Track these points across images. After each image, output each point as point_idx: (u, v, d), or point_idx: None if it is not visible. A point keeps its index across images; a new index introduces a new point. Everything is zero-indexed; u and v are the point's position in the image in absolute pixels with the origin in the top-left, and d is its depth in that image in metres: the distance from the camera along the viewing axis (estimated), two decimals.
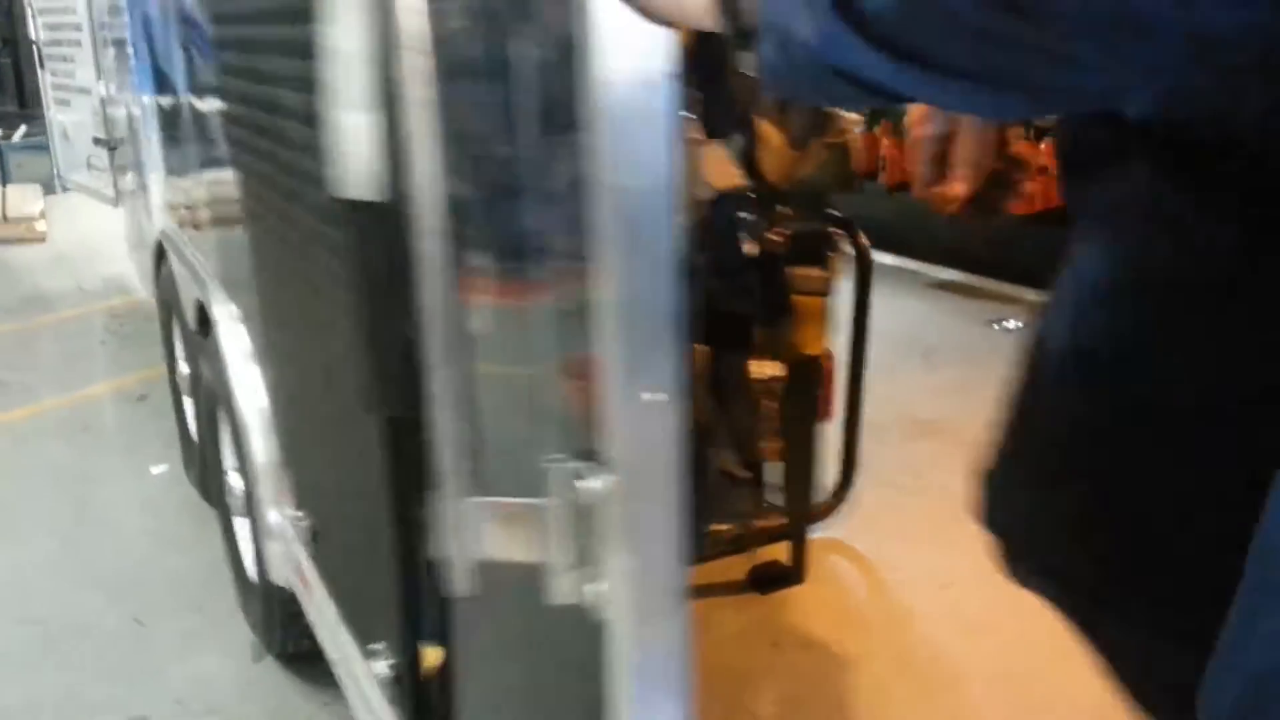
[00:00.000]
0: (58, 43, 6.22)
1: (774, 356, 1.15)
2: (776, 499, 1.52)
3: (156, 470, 3.39)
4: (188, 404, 3.70)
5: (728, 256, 0.94)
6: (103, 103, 5.30)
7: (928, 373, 3.03)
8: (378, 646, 1.59)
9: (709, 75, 0.93)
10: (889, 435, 2.39)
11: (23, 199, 8.19)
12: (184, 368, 3.66)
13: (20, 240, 7.63)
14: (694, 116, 0.98)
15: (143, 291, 4.27)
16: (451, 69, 0.83)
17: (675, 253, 0.76)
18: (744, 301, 1.10)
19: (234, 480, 2.82)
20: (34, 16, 6.65)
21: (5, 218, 7.79)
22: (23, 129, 10.83)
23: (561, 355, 0.89)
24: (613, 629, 0.87)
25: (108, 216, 6.55)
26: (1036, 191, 3.94)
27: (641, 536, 0.85)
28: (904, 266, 4.41)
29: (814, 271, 1.19)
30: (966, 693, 1.64)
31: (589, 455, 0.84)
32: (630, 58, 0.70)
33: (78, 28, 5.62)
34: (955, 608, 1.85)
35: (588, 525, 0.87)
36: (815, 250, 1.19)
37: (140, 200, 4.31)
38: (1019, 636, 1.70)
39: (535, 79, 0.82)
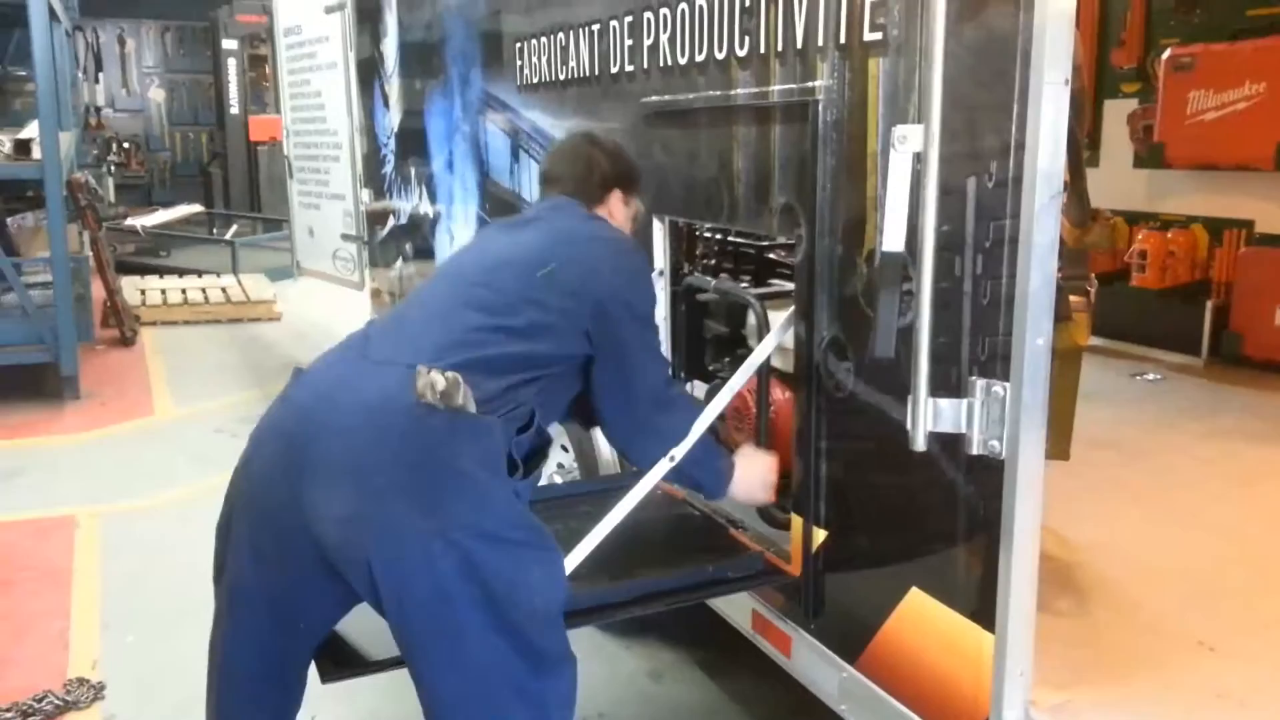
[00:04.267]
0: (312, 157, 7.33)
1: (1056, 345, 2.00)
2: None
3: None
4: None
5: None
6: (356, 205, 6.39)
7: (1092, 409, 3.75)
8: None
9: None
10: (1073, 447, 3.07)
11: (256, 285, 9.54)
12: None
13: (260, 319, 8.93)
14: None
15: None
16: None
17: (1049, 280, 1.66)
18: None
19: None
20: (288, 136, 7.91)
21: (249, 299, 9.10)
22: (234, 228, 12.40)
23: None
24: (1007, 463, 1.73)
25: (334, 300, 7.72)
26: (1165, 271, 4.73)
27: (1024, 419, 1.71)
28: None
29: (1079, 297, 2.09)
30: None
31: (998, 374, 1.72)
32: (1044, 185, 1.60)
33: (338, 146, 6.70)
34: (1109, 548, 2.63)
35: (994, 412, 1.73)
36: (1081, 285, 2.10)
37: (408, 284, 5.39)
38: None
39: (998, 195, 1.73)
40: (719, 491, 2.29)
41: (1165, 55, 4.68)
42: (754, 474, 2.32)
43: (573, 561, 2.09)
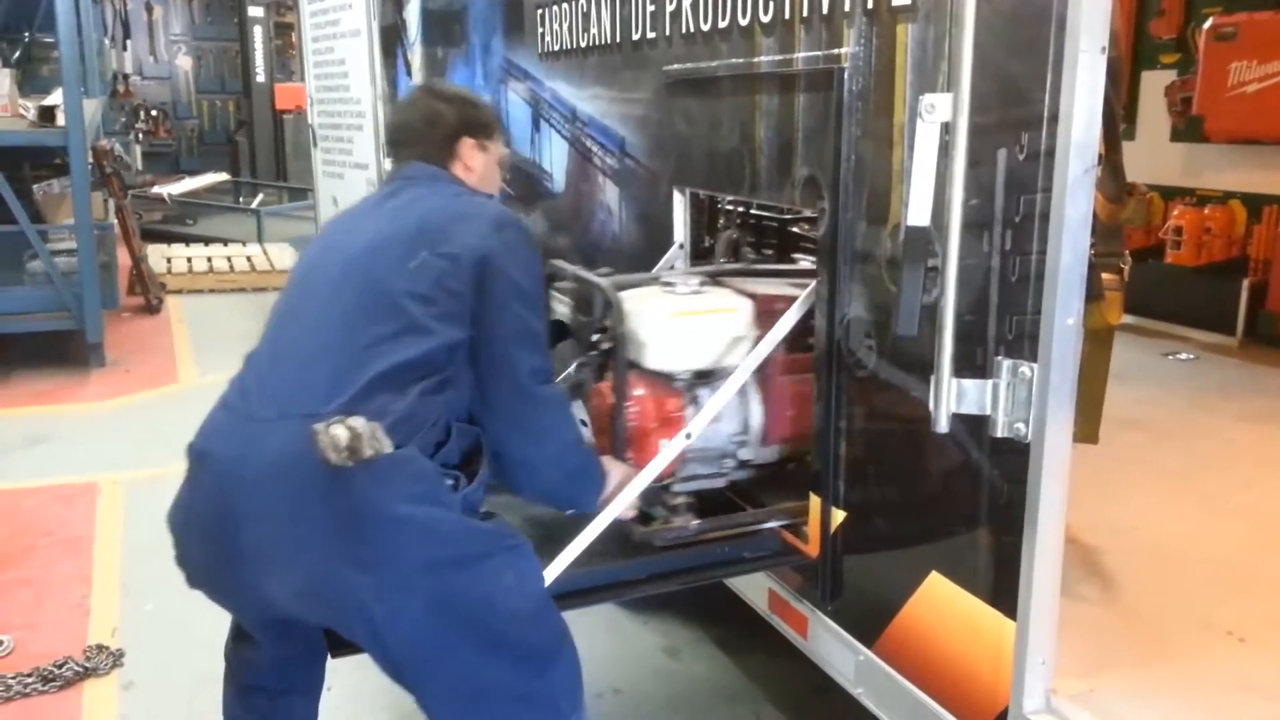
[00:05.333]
0: (335, 126, 7.30)
1: (1087, 325, 1.94)
2: None
3: None
4: None
5: None
6: (379, 174, 6.36)
7: (1123, 389, 3.65)
8: None
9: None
10: (1102, 428, 3.00)
11: (281, 254, 9.56)
12: None
13: None
14: None
15: None
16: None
17: (1081, 257, 1.59)
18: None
19: None
20: (312, 104, 7.86)
21: (273, 268, 9.12)
22: (260, 197, 12.42)
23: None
24: (1033, 447, 1.67)
25: None
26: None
27: (1051, 401, 1.65)
28: None
29: (1112, 275, 2.03)
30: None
31: (1025, 355, 1.66)
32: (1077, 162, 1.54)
33: (360, 114, 6.67)
34: (1137, 533, 2.56)
35: (1021, 394, 1.67)
36: (1114, 262, 2.03)
37: None
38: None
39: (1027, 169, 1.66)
40: (592, 502, 2.06)
41: (1206, 25, 4.54)
42: (618, 486, 2.10)
43: (582, 543, 2.06)
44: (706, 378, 2.30)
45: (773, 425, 2.36)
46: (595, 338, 2.36)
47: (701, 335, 2.28)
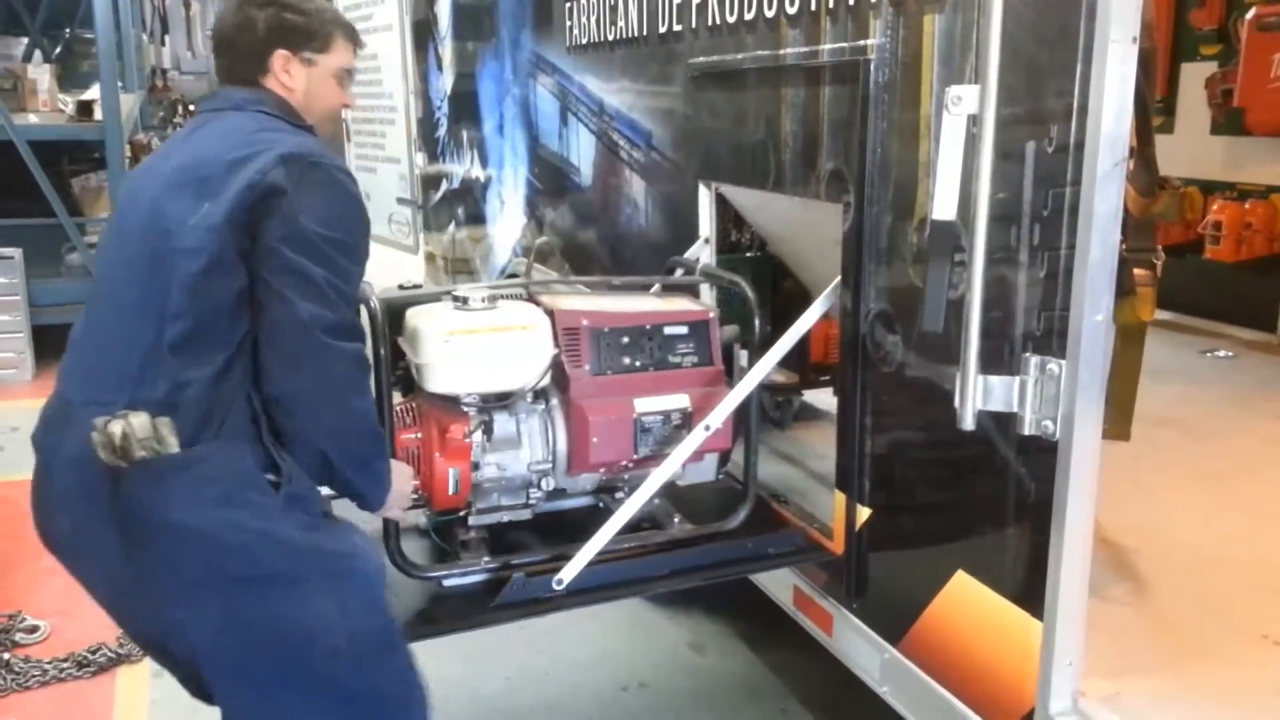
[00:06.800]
0: (369, 120, 7.35)
1: (1119, 320, 1.91)
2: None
3: None
4: None
5: None
6: (411, 169, 6.39)
7: (1158, 386, 3.58)
8: None
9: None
10: (1135, 426, 2.94)
11: None
12: None
13: None
14: None
15: None
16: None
17: (1111, 252, 1.56)
18: None
19: None
20: None
21: None
22: None
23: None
24: (1061, 445, 1.64)
25: (390, 263, 7.73)
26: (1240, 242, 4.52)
27: (1080, 399, 1.62)
28: None
29: (1144, 270, 1.99)
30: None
31: (1054, 351, 1.63)
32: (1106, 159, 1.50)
33: (392, 109, 6.70)
34: (1170, 534, 2.50)
35: (1049, 391, 1.65)
36: (1146, 257, 2.00)
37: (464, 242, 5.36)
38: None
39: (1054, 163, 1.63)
40: (378, 500, 1.80)
41: (1249, 15, 4.44)
42: (400, 484, 1.88)
43: (600, 542, 2.05)
44: (504, 399, 2.10)
45: (579, 452, 2.14)
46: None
47: (486, 355, 2.03)
